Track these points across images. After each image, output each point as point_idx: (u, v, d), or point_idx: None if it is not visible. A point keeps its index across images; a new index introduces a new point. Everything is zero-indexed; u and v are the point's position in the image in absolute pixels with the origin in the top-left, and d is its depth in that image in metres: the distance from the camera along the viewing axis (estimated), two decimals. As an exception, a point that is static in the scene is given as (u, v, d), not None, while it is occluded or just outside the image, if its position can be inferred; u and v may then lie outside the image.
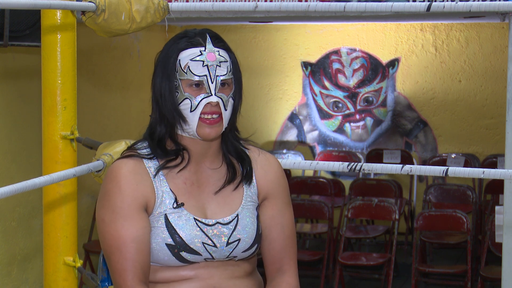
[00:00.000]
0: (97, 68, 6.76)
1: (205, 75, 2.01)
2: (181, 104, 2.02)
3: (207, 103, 2.01)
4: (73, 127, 2.66)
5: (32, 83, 5.49)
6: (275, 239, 2.14)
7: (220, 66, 2.03)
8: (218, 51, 2.04)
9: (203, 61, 2.02)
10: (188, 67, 2.02)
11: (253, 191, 2.13)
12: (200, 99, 2.01)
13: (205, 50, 2.03)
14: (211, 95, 2.01)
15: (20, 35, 4.78)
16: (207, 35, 2.05)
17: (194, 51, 2.02)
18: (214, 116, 2.02)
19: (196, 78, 2.01)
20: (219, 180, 2.11)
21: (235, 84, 2.07)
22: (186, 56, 2.02)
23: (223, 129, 2.06)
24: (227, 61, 2.04)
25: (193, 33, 2.06)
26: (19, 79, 5.61)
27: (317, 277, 6.08)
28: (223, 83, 2.03)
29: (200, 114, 2.01)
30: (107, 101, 6.89)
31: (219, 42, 2.06)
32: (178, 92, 2.02)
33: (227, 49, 2.07)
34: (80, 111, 2.81)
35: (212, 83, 2.01)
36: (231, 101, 2.05)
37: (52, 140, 2.66)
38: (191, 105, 2.02)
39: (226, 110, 2.03)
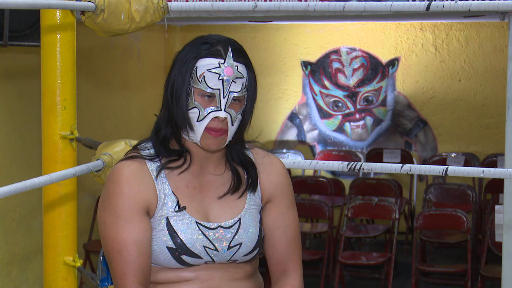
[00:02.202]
0: (97, 68, 6.76)
1: (219, 89, 1.98)
2: (189, 111, 2.00)
3: (215, 117, 1.99)
4: (73, 127, 2.66)
5: (32, 83, 5.49)
6: (278, 241, 2.13)
7: (235, 82, 1.99)
8: (237, 66, 2.00)
9: (220, 74, 1.98)
10: (204, 77, 1.98)
11: (256, 194, 2.12)
12: (209, 111, 1.99)
13: (224, 63, 1.99)
14: (220, 110, 1.99)
15: (19, 35, 4.78)
16: (229, 48, 2.01)
17: (212, 62, 1.99)
18: (219, 131, 2.00)
19: (209, 90, 1.98)
20: (222, 185, 2.09)
21: (247, 101, 2.04)
22: (204, 65, 1.99)
23: (226, 143, 2.04)
24: (243, 78, 2.01)
25: (217, 41, 2.02)
26: (19, 79, 5.61)
27: (317, 277, 6.08)
28: (234, 99, 2.00)
29: (206, 126, 1.99)
30: (107, 101, 6.89)
31: (240, 56, 2.02)
32: (188, 99, 2.00)
33: (247, 65, 2.03)
34: (80, 111, 2.81)
35: (224, 98, 1.98)
36: (239, 117, 2.02)
37: (51, 140, 2.66)
38: (199, 115, 1.99)
39: (232, 125, 2.01)
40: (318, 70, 7.87)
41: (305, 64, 7.90)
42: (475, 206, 6.39)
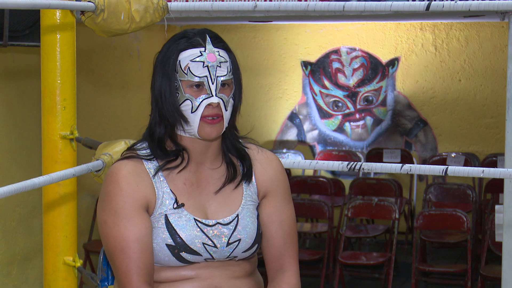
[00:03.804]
0: (97, 68, 6.76)
1: (206, 76, 2.01)
2: (182, 105, 2.02)
3: (208, 104, 2.01)
4: (73, 127, 2.66)
5: (32, 83, 5.49)
6: (274, 236, 2.13)
7: (220, 66, 2.02)
8: (218, 51, 2.03)
9: (203, 62, 2.01)
10: (189, 68, 2.01)
11: (253, 190, 2.13)
12: (201, 100, 2.01)
13: (205, 51, 2.02)
14: (212, 96, 2.01)
15: (19, 35, 4.78)
16: (207, 35, 2.04)
17: (194, 52, 2.02)
18: (215, 117, 2.02)
19: (197, 79, 2.01)
20: (219, 179, 2.11)
21: (235, 84, 2.07)
22: (186, 56, 2.02)
23: (224, 129, 2.05)
24: (227, 62, 2.04)
25: (193, 33, 2.05)
26: (19, 79, 5.61)
27: (317, 277, 6.08)
28: (223, 84, 2.03)
29: (201, 115, 2.01)
30: (107, 101, 6.89)
31: (218, 42, 2.06)
32: (178, 93, 2.02)
33: (227, 49, 2.07)
34: (80, 111, 2.81)
35: (212, 84, 2.01)
36: (231, 102, 2.05)
37: (51, 140, 2.66)
38: (192, 106, 2.01)
39: (226, 110, 2.03)
40: (318, 70, 7.87)
41: (305, 64, 7.90)
42: (475, 206, 6.39)
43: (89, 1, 2.35)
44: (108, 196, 2.03)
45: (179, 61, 2.02)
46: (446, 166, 2.10)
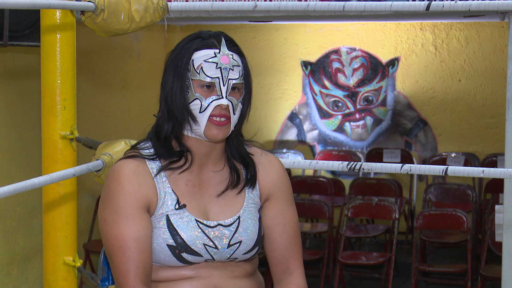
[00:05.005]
0: (97, 68, 6.76)
1: (218, 77, 2.02)
2: (191, 104, 2.03)
3: (217, 105, 2.02)
4: (73, 127, 2.66)
5: (32, 83, 5.49)
6: (278, 239, 2.14)
7: (233, 69, 2.03)
8: (232, 55, 2.05)
9: (217, 63, 2.02)
10: (201, 67, 2.02)
11: (255, 193, 2.13)
12: (210, 101, 2.02)
13: (219, 53, 2.03)
14: (222, 97, 2.02)
15: (19, 35, 4.78)
16: (222, 38, 2.06)
17: (208, 52, 2.03)
18: (223, 119, 2.02)
19: (208, 80, 2.02)
20: (221, 182, 2.11)
21: (245, 90, 2.08)
22: (200, 56, 2.03)
23: (230, 132, 2.06)
24: (239, 66, 2.05)
25: (208, 35, 2.06)
26: (19, 79, 5.61)
27: (317, 277, 6.08)
28: (234, 87, 2.04)
29: (209, 115, 2.02)
30: (107, 101, 6.89)
31: (233, 46, 2.07)
32: (188, 92, 2.03)
33: (241, 54, 2.08)
34: (79, 111, 2.81)
35: (223, 86, 2.02)
36: (240, 106, 2.05)
37: (51, 140, 2.66)
38: (201, 106, 2.02)
39: (234, 114, 2.04)
40: (318, 70, 7.87)
41: (305, 64, 7.90)
42: (475, 206, 6.39)
43: (89, 1, 2.35)
44: (110, 194, 2.03)
45: (193, 60, 2.03)
46: (446, 166, 2.10)
